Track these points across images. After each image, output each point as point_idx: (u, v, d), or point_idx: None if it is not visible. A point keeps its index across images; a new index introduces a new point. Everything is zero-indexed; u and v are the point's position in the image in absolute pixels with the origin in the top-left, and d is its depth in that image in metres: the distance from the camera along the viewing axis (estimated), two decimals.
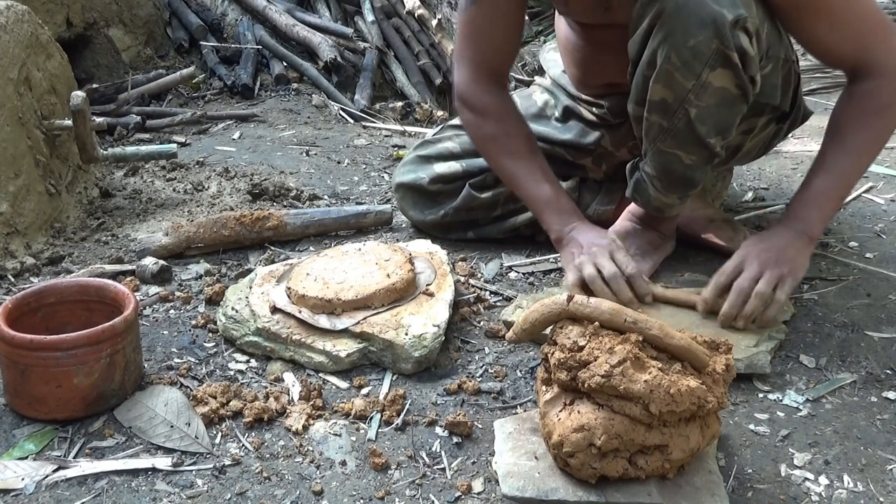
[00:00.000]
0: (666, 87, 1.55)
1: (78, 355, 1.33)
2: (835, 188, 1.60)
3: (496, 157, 1.82)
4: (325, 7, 3.97)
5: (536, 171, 1.77)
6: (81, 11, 3.20)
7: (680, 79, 1.52)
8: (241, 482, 1.25)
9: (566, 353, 1.17)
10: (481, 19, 1.76)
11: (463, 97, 1.84)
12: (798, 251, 1.58)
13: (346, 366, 1.51)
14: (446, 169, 1.99)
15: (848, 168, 1.60)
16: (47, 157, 2.07)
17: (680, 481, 1.19)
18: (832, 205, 1.63)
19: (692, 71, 1.50)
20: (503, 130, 1.80)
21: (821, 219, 1.61)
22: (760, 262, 1.55)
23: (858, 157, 1.60)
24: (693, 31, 1.47)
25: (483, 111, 1.82)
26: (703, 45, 1.47)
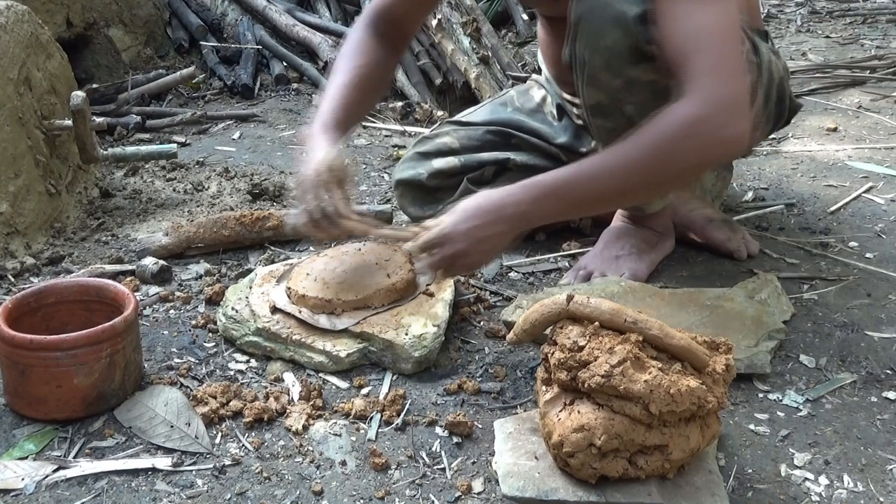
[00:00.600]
0: (597, 89, 1.56)
1: (78, 355, 1.33)
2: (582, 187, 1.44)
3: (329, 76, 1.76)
4: (325, 7, 3.97)
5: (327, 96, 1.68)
6: (81, 11, 3.19)
7: (606, 80, 1.53)
8: (241, 482, 1.25)
9: (566, 353, 1.17)
10: None
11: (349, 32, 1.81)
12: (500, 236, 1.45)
13: (346, 366, 1.51)
14: (444, 164, 1.99)
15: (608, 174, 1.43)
16: (47, 157, 2.07)
17: (680, 481, 1.19)
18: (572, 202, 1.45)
19: (614, 71, 1.51)
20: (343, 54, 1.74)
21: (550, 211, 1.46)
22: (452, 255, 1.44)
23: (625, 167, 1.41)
24: (604, 32, 1.48)
25: (348, 40, 1.77)
26: (618, 45, 1.48)
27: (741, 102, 1.40)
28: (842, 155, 2.58)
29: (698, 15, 1.40)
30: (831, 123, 2.82)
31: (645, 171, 1.40)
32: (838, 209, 2.18)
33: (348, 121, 1.67)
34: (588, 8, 1.49)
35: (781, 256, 1.92)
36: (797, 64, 3.56)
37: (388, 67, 1.81)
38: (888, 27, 4.25)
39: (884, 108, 2.99)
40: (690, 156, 1.39)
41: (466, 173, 1.97)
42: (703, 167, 1.49)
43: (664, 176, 1.42)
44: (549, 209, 1.45)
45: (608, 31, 1.47)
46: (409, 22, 1.81)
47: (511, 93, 2.10)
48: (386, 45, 1.77)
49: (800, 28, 4.34)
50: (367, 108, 1.80)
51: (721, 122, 1.36)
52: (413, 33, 1.86)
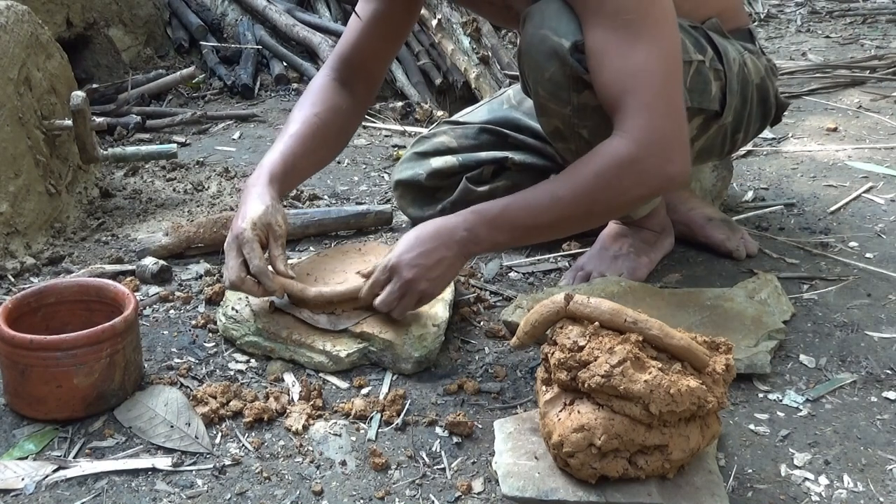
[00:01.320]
0: (550, 117, 1.59)
1: (78, 355, 1.33)
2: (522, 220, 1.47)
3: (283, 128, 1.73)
4: (325, 7, 3.97)
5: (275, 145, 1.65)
6: (81, 11, 3.19)
7: (556, 108, 1.55)
8: (241, 482, 1.25)
9: (566, 353, 1.17)
10: (363, 18, 1.72)
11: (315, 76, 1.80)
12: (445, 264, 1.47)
13: (346, 366, 1.51)
14: (443, 164, 1.99)
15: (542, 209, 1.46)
16: (47, 157, 2.07)
17: (680, 481, 1.19)
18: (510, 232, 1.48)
19: (561, 99, 1.53)
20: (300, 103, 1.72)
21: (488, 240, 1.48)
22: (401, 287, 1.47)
23: (556, 203, 1.44)
24: (543, 65, 1.50)
25: (309, 87, 1.76)
26: (557, 75, 1.50)
27: (674, 141, 1.43)
28: (842, 155, 2.58)
29: (632, 53, 1.41)
30: (831, 123, 2.83)
31: (579, 205, 1.45)
32: (838, 209, 2.18)
33: (293, 174, 1.64)
34: (527, 42, 1.52)
35: (781, 256, 1.92)
36: (797, 64, 3.57)
37: (350, 115, 1.76)
38: (888, 27, 4.25)
39: (884, 108, 2.99)
40: (622, 193, 1.44)
41: (465, 173, 1.97)
42: (637, 203, 1.53)
43: (598, 210, 1.48)
44: (488, 236, 1.47)
45: (547, 64, 1.50)
46: (374, 66, 1.77)
47: (508, 92, 2.10)
48: (349, 92, 1.75)
49: (800, 28, 4.34)
50: (321, 158, 1.74)
51: (652, 162, 1.41)
52: (380, 78, 1.81)
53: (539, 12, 1.50)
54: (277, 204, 1.55)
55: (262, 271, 1.49)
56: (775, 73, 1.90)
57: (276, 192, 1.57)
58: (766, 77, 1.82)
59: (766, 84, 1.82)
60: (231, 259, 1.50)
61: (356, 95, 1.77)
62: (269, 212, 1.52)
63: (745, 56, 1.77)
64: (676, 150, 1.44)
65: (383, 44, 1.76)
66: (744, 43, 1.81)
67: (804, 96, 3.13)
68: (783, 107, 1.92)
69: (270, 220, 1.52)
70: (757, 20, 4.51)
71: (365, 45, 1.74)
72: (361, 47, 1.74)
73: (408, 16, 1.76)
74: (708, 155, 1.83)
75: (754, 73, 1.78)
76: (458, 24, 3.24)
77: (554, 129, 1.62)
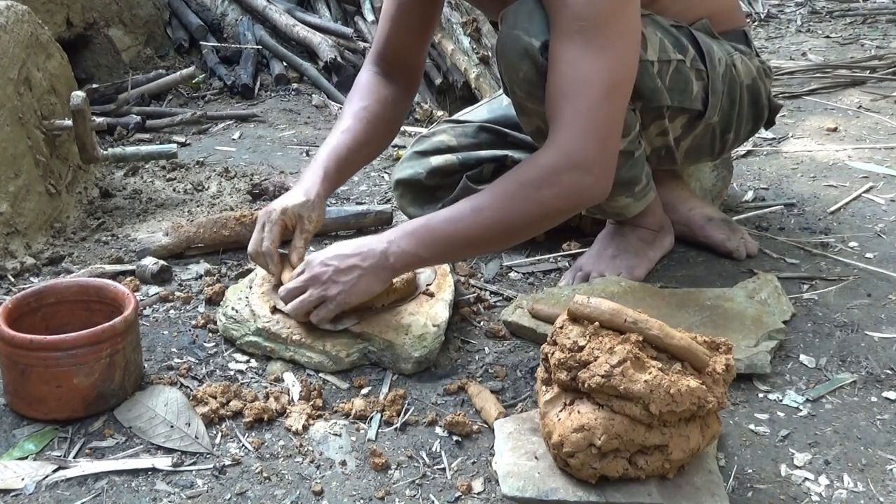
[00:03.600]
0: (530, 116, 1.59)
1: (78, 355, 1.33)
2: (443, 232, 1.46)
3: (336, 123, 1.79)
4: (325, 7, 3.96)
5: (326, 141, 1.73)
6: (81, 11, 3.20)
7: (533, 107, 1.56)
8: (241, 482, 1.25)
9: (566, 353, 1.17)
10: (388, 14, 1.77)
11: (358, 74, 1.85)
12: (363, 274, 1.47)
13: (346, 366, 1.51)
14: (443, 162, 1.99)
15: (465, 223, 1.44)
16: (47, 157, 2.07)
17: (680, 481, 1.19)
18: (433, 246, 1.47)
19: (538, 97, 1.52)
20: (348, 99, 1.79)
21: (410, 252, 1.47)
22: (307, 279, 1.49)
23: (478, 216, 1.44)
24: (517, 65, 1.51)
25: (355, 84, 1.82)
26: (531, 74, 1.51)
27: (597, 156, 1.41)
28: (842, 155, 2.58)
29: (582, 62, 1.41)
30: (831, 123, 2.83)
31: (500, 216, 1.43)
32: (838, 209, 2.18)
33: (346, 166, 1.70)
34: (502, 43, 1.53)
35: (781, 256, 1.92)
36: (797, 64, 3.57)
37: (397, 105, 1.81)
38: (888, 27, 4.25)
39: (884, 108, 2.99)
40: (540, 203, 1.42)
41: (465, 171, 1.97)
42: (555, 216, 1.49)
43: (518, 221, 1.44)
44: (409, 248, 1.47)
45: (520, 64, 1.51)
46: (409, 57, 1.81)
47: None
48: (392, 84, 1.79)
49: (800, 28, 4.34)
50: (374, 149, 1.79)
51: (570, 174, 1.40)
52: (419, 66, 1.85)
53: (513, 13, 1.52)
54: (319, 201, 1.61)
55: (268, 253, 1.57)
56: (769, 74, 1.89)
57: (326, 188, 1.64)
58: (757, 78, 1.82)
59: (757, 85, 1.82)
60: (255, 232, 1.60)
61: (400, 86, 1.81)
62: (307, 205, 1.60)
63: (734, 57, 1.77)
64: (597, 165, 1.42)
65: (414, 35, 1.79)
66: (735, 44, 1.81)
67: (804, 96, 3.13)
68: (776, 109, 1.92)
69: (304, 213, 1.59)
70: (757, 20, 4.51)
71: (396, 39, 1.78)
72: (394, 41, 1.78)
73: (431, 4, 1.77)
74: (698, 155, 1.83)
75: (744, 73, 1.79)
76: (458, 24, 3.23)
77: (535, 129, 1.62)
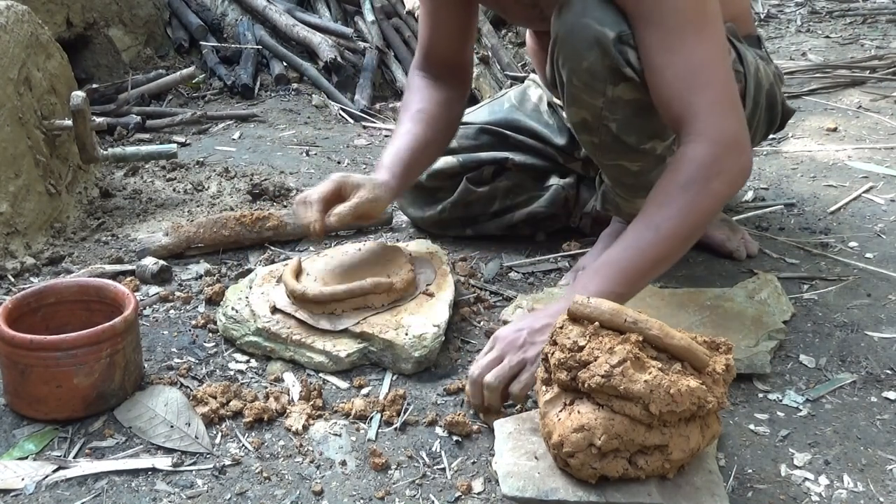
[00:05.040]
0: (579, 108, 1.56)
1: (78, 355, 1.33)
2: (629, 261, 1.39)
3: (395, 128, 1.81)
4: (325, 7, 3.96)
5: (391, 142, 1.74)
6: (81, 11, 3.19)
7: (588, 99, 1.53)
8: (241, 482, 1.25)
9: (566, 353, 1.17)
10: (426, 19, 1.79)
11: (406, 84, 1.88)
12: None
13: (346, 366, 1.51)
14: (443, 164, 1.99)
15: (646, 244, 1.39)
16: (47, 157, 2.07)
17: (680, 481, 1.19)
18: (623, 278, 1.39)
19: (596, 90, 1.51)
20: (405, 104, 1.81)
21: (603, 292, 1.34)
22: (502, 348, 1.36)
23: (658, 232, 1.38)
24: (583, 54, 1.48)
25: (407, 88, 1.83)
26: (596, 66, 1.48)
27: (743, 135, 1.43)
28: (842, 155, 2.57)
29: (699, 52, 1.41)
30: (831, 123, 2.82)
31: (679, 225, 1.39)
32: (838, 209, 2.18)
33: (410, 167, 1.71)
34: (567, 29, 1.49)
35: (781, 256, 1.92)
36: (797, 64, 3.56)
37: (452, 104, 1.82)
38: (888, 27, 4.25)
39: (884, 108, 2.99)
40: (713, 196, 1.40)
41: (465, 173, 1.97)
42: (723, 204, 1.47)
43: (698, 223, 1.41)
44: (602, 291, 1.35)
45: (587, 53, 1.48)
46: (455, 56, 1.82)
47: (509, 93, 2.11)
48: (443, 84, 1.80)
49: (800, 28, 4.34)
50: (435, 149, 1.80)
51: (731, 160, 1.40)
52: (467, 63, 1.86)
53: (580, 1, 1.48)
54: (387, 188, 1.61)
55: (309, 201, 1.56)
56: (782, 80, 1.90)
57: (395, 186, 1.64)
58: (774, 83, 1.82)
59: (773, 91, 1.82)
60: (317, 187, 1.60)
61: (451, 85, 1.82)
62: (373, 181, 1.60)
63: (758, 61, 1.77)
64: (746, 144, 1.44)
65: (455, 35, 1.80)
66: (755, 49, 1.82)
67: (804, 96, 3.13)
68: (788, 114, 1.91)
69: (366, 185, 1.59)
70: (757, 20, 4.51)
71: (439, 42, 1.79)
72: (436, 44, 1.79)
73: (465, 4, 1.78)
74: None
75: (765, 78, 1.79)
76: None
77: (581, 121, 1.59)
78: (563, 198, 1.96)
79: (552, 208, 1.96)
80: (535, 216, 1.97)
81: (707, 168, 1.38)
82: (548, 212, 1.96)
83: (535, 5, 1.68)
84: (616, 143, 1.57)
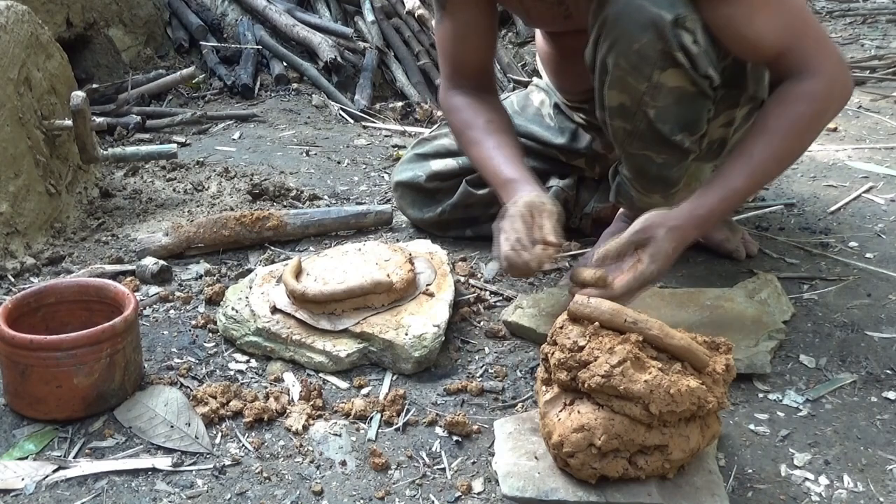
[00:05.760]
0: (621, 91, 1.56)
1: (78, 355, 1.33)
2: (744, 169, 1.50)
3: (465, 149, 1.80)
4: (325, 7, 3.97)
5: (491, 158, 1.71)
6: (81, 11, 3.19)
7: (632, 82, 1.53)
8: (241, 482, 1.25)
9: (566, 353, 1.17)
10: (451, 33, 1.79)
11: (441, 105, 1.88)
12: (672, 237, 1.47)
13: (346, 366, 1.51)
14: (443, 166, 1.99)
15: (761, 152, 1.50)
16: (47, 157, 2.07)
17: (680, 481, 1.19)
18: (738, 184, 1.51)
19: (642, 74, 1.51)
20: (466, 123, 1.79)
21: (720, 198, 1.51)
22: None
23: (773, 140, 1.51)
24: (636, 35, 1.48)
25: (453, 110, 1.82)
26: (648, 48, 1.48)
27: (844, 63, 1.59)
28: (842, 155, 2.58)
29: (788, 8, 1.51)
30: (831, 123, 2.82)
31: (794, 149, 1.55)
32: (838, 209, 2.18)
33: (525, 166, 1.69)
34: (620, 11, 1.49)
35: (781, 256, 1.92)
36: None
37: (499, 106, 1.84)
38: (888, 27, 4.25)
39: (884, 108, 2.99)
40: (822, 125, 1.57)
41: (465, 175, 1.97)
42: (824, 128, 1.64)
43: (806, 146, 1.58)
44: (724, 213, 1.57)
45: (640, 35, 1.47)
46: (488, 62, 1.83)
47: (511, 97, 2.11)
48: (485, 93, 1.81)
49: None
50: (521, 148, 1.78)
51: (842, 87, 1.55)
52: (493, 70, 1.88)
53: None
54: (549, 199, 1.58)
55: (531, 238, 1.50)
56: None
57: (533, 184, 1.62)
58: None
59: None
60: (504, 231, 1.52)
61: (488, 91, 1.83)
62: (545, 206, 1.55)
63: None
64: (848, 73, 1.59)
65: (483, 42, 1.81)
66: None
67: None
68: None
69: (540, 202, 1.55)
70: None
71: (467, 53, 1.80)
72: (465, 57, 1.80)
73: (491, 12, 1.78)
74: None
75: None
76: None
77: (618, 105, 1.58)
78: (562, 199, 1.96)
79: None
80: None
81: (825, 99, 1.52)
82: None
83: (561, 3, 1.68)
84: (649, 131, 1.57)
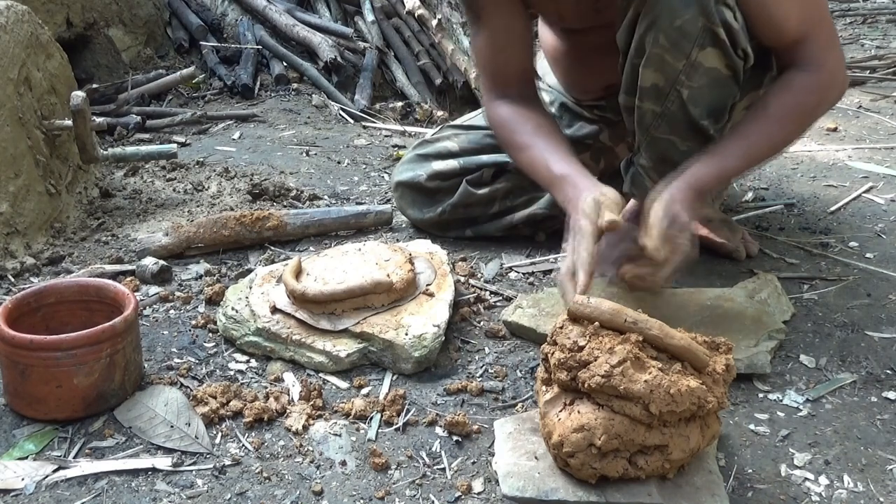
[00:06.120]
0: (657, 70, 1.56)
1: (78, 355, 1.33)
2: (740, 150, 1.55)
3: (515, 157, 1.79)
4: (325, 7, 3.97)
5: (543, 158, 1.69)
6: (81, 11, 3.20)
7: (670, 60, 1.53)
8: (241, 482, 1.25)
9: (566, 353, 1.17)
10: (489, 43, 1.78)
11: (487, 120, 1.87)
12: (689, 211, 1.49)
13: (346, 366, 1.51)
14: (444, 166, 1.99)
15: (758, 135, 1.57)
16: (47, 157, 2.07)
17: (680, 481, 1.19)
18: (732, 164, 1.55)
19: (682, 51, 1.51)
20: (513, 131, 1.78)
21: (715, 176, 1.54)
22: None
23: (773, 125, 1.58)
24: (678, 11, 1.49)
25: (499, 121, 1.81)
26: (690, 24, 1.49)
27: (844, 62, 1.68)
28: (842, 155, 2.58)
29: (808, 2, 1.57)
30: (831, 123, 2.82)
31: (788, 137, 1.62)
32: (838, 209, 2.18)
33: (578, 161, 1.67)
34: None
35: (781, 256, 1.92)
36: None
37: (543, 111, 1.83)
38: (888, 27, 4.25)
39: (884, 108, 2.99)
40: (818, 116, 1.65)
41: (465, 175, 1.97)
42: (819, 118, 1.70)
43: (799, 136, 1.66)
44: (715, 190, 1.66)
45: (683, 11, 1.49)
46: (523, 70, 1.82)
47: None
48: (528, 99, 1.80)
49: None
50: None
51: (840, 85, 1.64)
52: (532, 76, 1.86)
53: None
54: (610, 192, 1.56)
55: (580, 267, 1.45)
56: None
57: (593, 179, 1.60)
58: None
59: None
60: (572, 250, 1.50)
61: (531, 97, 1.82)
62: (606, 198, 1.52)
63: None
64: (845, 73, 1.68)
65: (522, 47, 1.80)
66: None
67: None
68: None
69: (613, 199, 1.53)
70: None
71: (507, 60, 1.79)
72: (506, 64, 1.79)
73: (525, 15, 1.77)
74: None
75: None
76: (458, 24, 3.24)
77: (652, 86, 1.58)
78: None
79: (552, 209, 1.96)
80: (534, 217, 1.97)
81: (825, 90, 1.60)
82: (547, 213, 1.96)
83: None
84: (679, 113, 1.58)
